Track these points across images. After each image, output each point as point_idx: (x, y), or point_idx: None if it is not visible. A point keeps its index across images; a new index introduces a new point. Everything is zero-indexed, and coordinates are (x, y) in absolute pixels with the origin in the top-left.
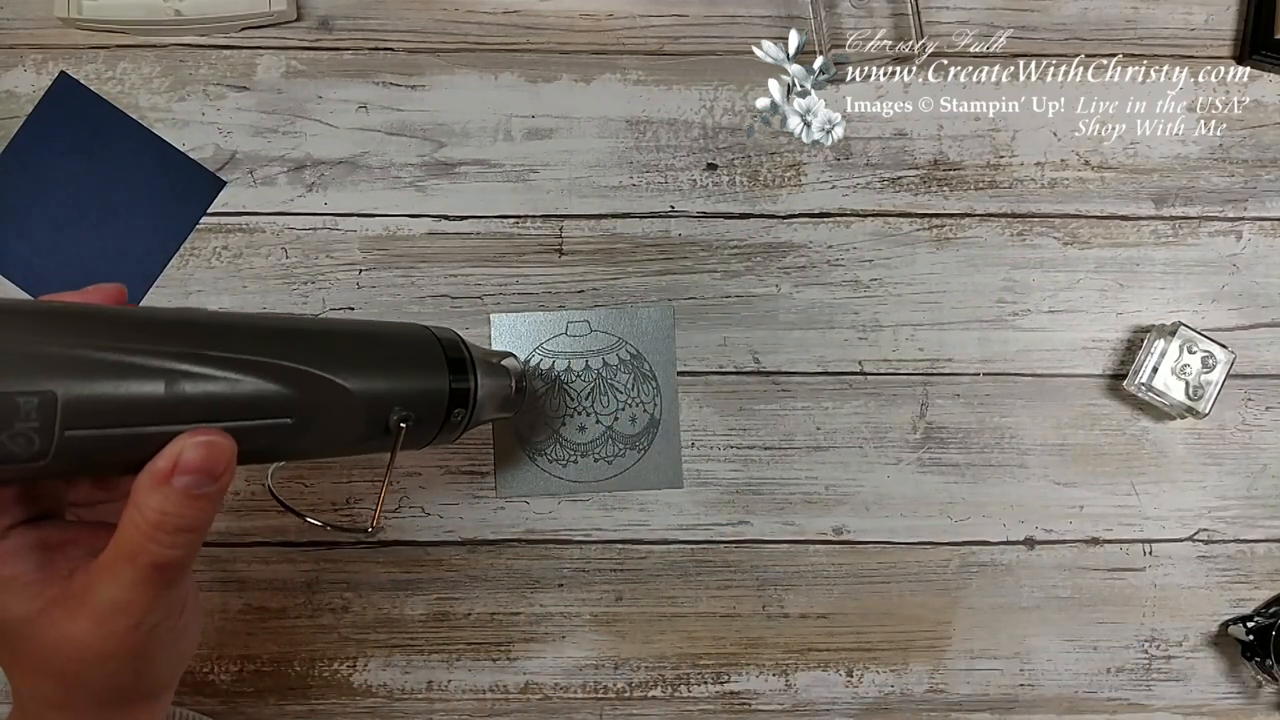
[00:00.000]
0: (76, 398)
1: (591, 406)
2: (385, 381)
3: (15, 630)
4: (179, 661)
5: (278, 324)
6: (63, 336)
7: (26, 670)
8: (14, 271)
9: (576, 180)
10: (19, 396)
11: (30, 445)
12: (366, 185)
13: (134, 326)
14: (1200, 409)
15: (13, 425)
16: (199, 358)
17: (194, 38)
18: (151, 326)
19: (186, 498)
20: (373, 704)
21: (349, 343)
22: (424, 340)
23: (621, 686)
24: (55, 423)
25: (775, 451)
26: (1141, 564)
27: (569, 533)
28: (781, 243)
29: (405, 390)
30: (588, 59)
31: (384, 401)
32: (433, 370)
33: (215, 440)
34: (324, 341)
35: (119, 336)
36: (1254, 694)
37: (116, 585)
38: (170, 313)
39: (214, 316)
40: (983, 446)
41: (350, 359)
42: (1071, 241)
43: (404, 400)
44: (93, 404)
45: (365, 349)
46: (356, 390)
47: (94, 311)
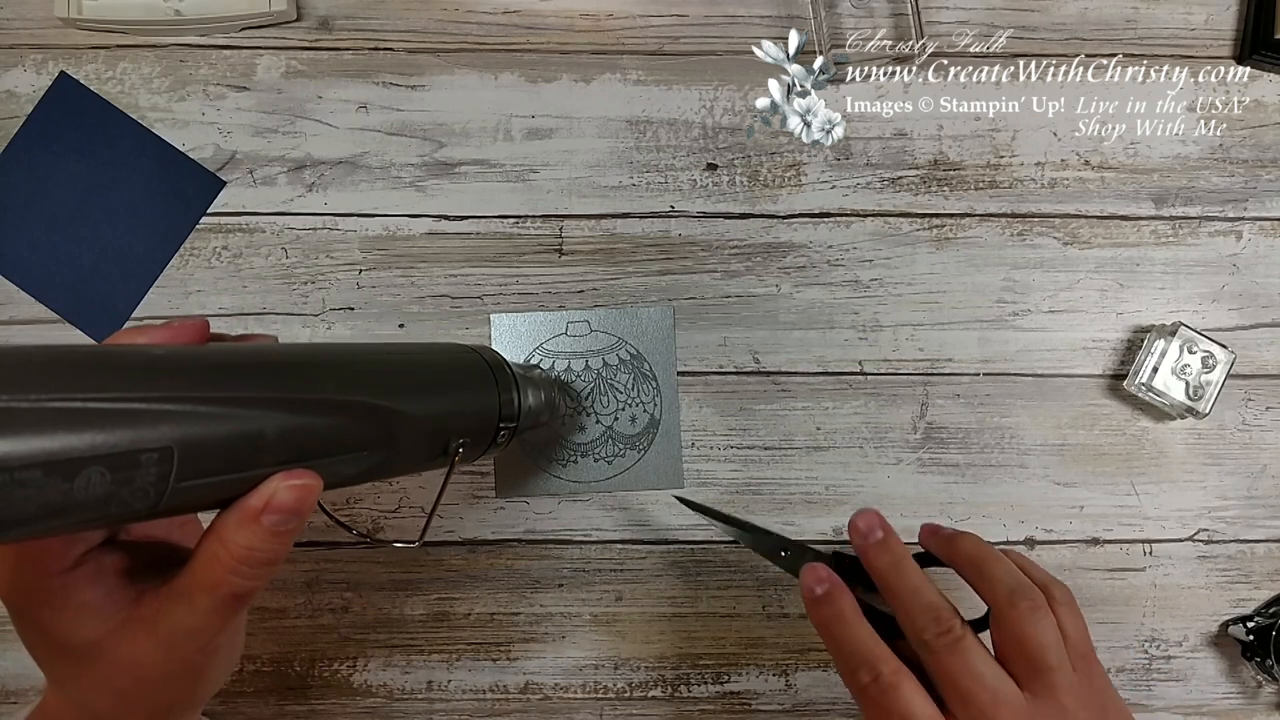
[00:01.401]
0: (191, 449)
1: (592, 406)
2: (448, 409)
3: (82, 651)
4: (227, 673)
5: (355, 360)
6: (178, 386)
7: (85, 686)
8: (14, 271)
9: (576, 180)
10: (142, 454)
11: (146, 498)
12: (366, 185)
13: (237, 373)
14: (1200, 409)
15: (134, 481)
16: (293, 403)
17: (194, 38)
18: (253, 371)
19: (273, 534)
20: (373, 704)
21: (417, 375)
22: (475, 364)
23: (621, 686)
24: (171, 476)
25: (775, 451)
26: (1141, 564)
27: (569, 533)
28: (781, 243)
29: (464, 415)
30: (588, 59)
31: (447, 429)
32: (485, 392)
33: (308, 483)
34: (399, 377)
35: (225, 385)
36: (1254, 694)
37: (191, 613)
38: (258, 353)
39: (297, 355)
40: (983, 446)
41: (420, 391)
42: (1071, 241)
43: (463, 424)
44: (205, 454)
45: (431, 380)
46: (426, 421)
47: (199, 358)
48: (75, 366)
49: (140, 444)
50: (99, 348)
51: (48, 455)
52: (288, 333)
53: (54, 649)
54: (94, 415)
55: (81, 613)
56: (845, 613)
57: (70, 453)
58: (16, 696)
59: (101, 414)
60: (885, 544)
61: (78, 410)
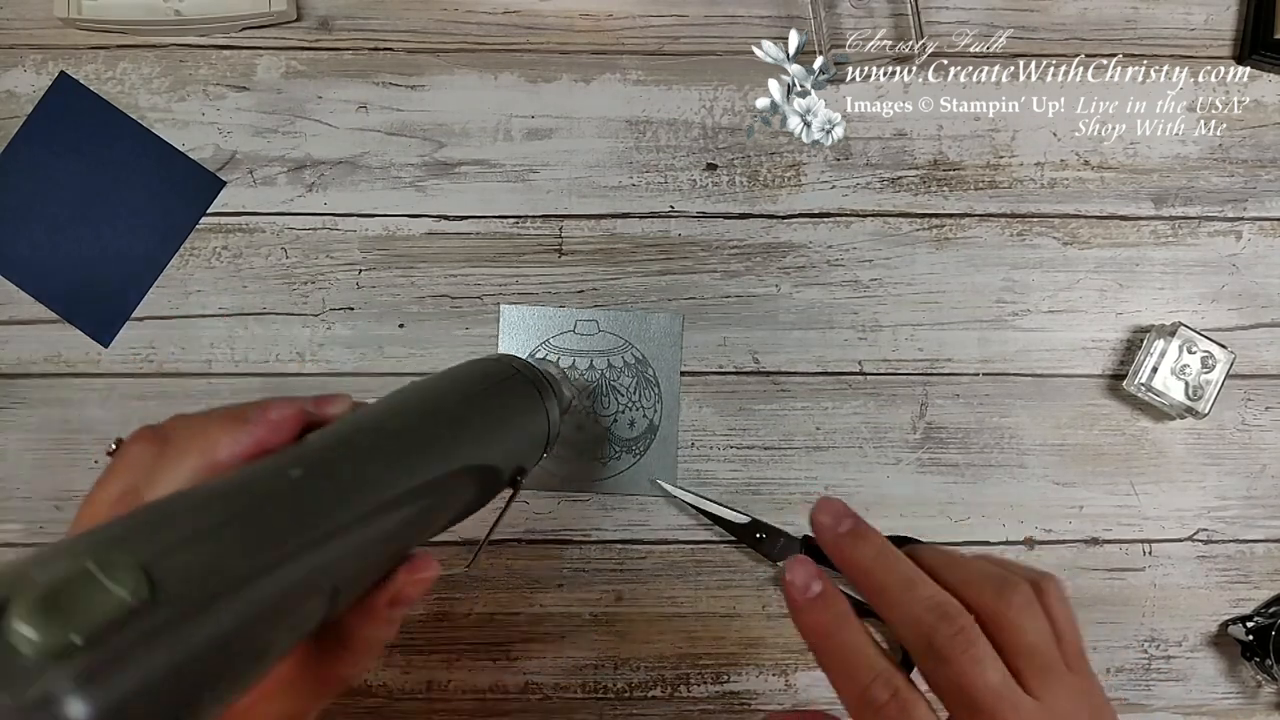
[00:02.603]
0: (350, 580)
1: (592, 406)
2: (516, 445)
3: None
4: None
5: (453, 426)
6: (337, 519)
7: None
8: (14, 271)
9: (576, 180)
10: (308, 599)
11: (311, 622)
12: (366, 185)
13: (371, 487)
14: (1200, 409)
15: (304, 626)
16: (420, 491)
17: (194, 38)
18: (383, 477)
19: (391, 622)
20: (373, 704)
21: (499, 425)
22: (525, 388)
23: (621, 686)
24: (337, 603)
25: (775, 451)
26: (1141, 564)
27: (569, 533)
28: (781, 243)
29: (526, 444)
30: (588, 59)
31: (515, 461)
32: (537, 414)
33: (430, 575)
34: (493, 437)
35: (367, 502)
36: (1254, 694)
37: (296, 700)
38: (377, 446)
39: (419, 445)
40: (982, 446)
41: (503, 441)
42: (1071, 241)
43: (525, 452)
44: (360, 578)
45: (500, 418)
46: (508, 462)
47: (340, 482)
48: (279, 514)
49: (313, 588)
50: (266, 491)
51: (285, 593)
52: (288, 332)
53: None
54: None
55: (287, 691)
56: (848, 616)
57: (298, 588)
58: None
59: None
60: (861, 533)
61: (296, 553)
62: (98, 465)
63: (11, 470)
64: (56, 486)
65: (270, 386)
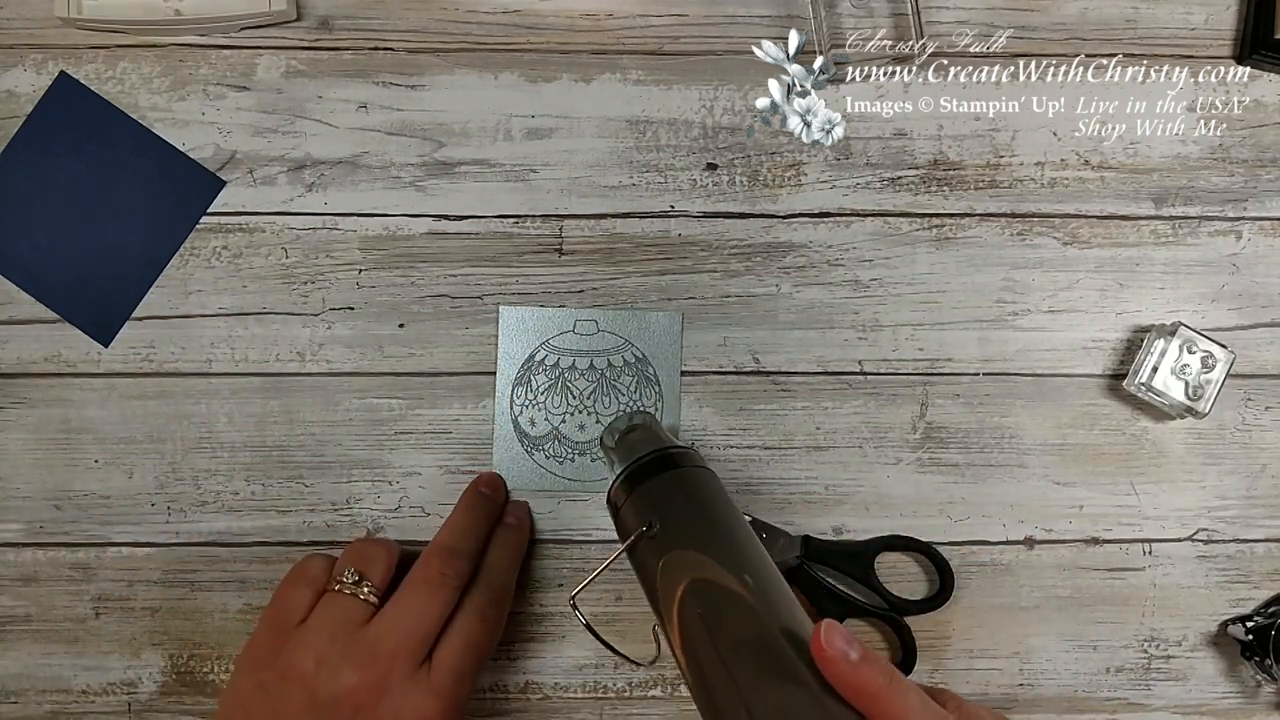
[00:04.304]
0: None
1: (593, 406)
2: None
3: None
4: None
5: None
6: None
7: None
8: (14, 271)
9: (576, 180)
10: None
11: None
12: (366, 185)
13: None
14: (1200, 409)
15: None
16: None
17: (194, 38)
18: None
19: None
20: None
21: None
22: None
23: (621, 686)
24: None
25: (775, 451)
26: (1141, 564)
27: (569, 533)
28: (781, 243)
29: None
30: (588, 59)
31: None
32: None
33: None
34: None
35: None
36: (1254, 694)
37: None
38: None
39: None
40: (982, 446)
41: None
42: (1071, 241)
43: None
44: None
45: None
46: None
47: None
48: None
49: None
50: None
51: None
52: (288, 332)
53: None
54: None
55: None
56: (894, 674)
57: None
58: (17, 696)
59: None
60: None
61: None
62: (98, 465)
63: (11, 470)
64: (56, 486)
65: (270, 386)
